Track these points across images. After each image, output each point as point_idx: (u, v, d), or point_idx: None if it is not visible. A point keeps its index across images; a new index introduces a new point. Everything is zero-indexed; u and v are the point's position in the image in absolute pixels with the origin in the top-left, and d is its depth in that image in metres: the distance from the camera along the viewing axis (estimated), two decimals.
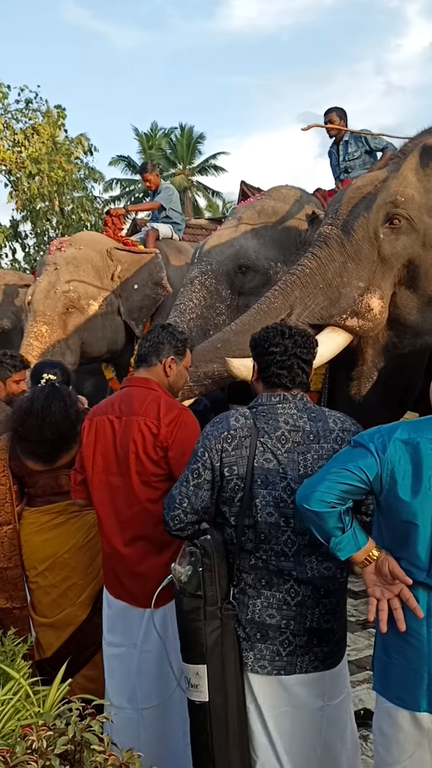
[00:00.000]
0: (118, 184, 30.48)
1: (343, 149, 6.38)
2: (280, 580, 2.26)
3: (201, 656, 2.24)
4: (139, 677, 2.80)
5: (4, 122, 13.33)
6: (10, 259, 14.12)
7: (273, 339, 2.37)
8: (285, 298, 4.03)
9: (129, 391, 2.90)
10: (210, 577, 2.25)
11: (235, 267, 5.21)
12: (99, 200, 16.71)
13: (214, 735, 2.22)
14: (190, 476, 2.30)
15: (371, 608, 2.00)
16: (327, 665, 2.30)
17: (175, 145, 31.81)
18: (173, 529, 2.34)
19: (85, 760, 1.64)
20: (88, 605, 3.16)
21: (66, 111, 14.04)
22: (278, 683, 2.26)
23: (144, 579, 2.77)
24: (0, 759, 1.55)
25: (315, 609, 2.26)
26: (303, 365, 2.35)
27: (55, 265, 5.93)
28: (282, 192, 5.61)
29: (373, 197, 4.04)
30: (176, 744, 2.78)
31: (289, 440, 2.26)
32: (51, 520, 3.23)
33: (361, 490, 1.99)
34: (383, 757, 2.06)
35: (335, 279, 3.99)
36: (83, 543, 3.19)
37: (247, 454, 2.25)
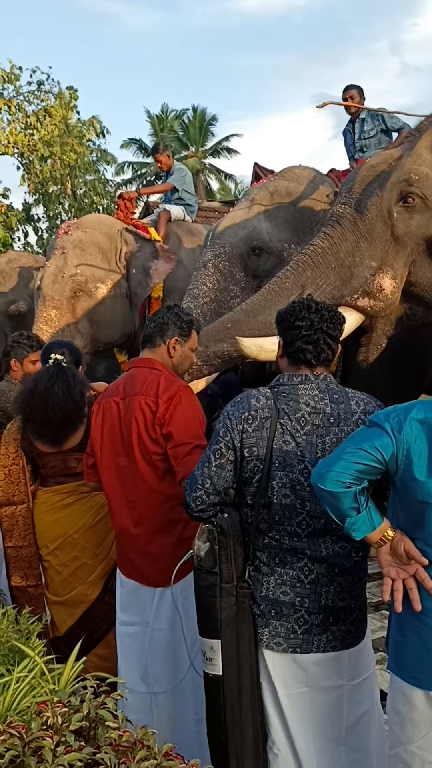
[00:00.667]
0: (130, 167, 30.36)
1: (359, 127, 6.31)
2: (293, 558, 2.26)
3: (215, 631, 2.27)
4: (151, 656, 2.83)
5: (16, 104, 13.26)
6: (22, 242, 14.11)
7: (299, 313, 2.34)
8: (296, 278, 4.00)
9: (133, 372, 2.92)
10: (226, 555, 2.27)
11: (249, 249, 5.18)
12: (111, 183, 16.63)
13: (227, 708, 2.26)
14: (212, 456, 2.29)
15: (386, 588, 2.00)
16: (345, 644, 2.30)
17: (188, 127, 31.61)
18: (195, 510, 2.32)
19: (100, 737, 1.65)
20: (98, 584, 3.18)
21: (78, 92, 13.97)
22: (293, 661, 2.27)
23: (153, 558, 2.79)
24: (16, 735, 1.56)
25: (330, 587, 2.26)
26: (329, 341, 2.33)
27: (62, 249, 5.92)
28: (295, 172, 5.56)
29: (387, 176, 4.00)
30: (188, 723, 2.80)
31: (309, 422, 2.25)
32: (61, 500, 3.26)
33: (376, 470, 1.97)
34: (398, 736, 2.06)
35: (347, 258, 3.96)
36: (92, 523, 3.21)
37: (267, 435, 2.24)
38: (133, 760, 1.51)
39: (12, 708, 1.78)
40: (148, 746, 1.58)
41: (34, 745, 1.54)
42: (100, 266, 5.99)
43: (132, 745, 1.57)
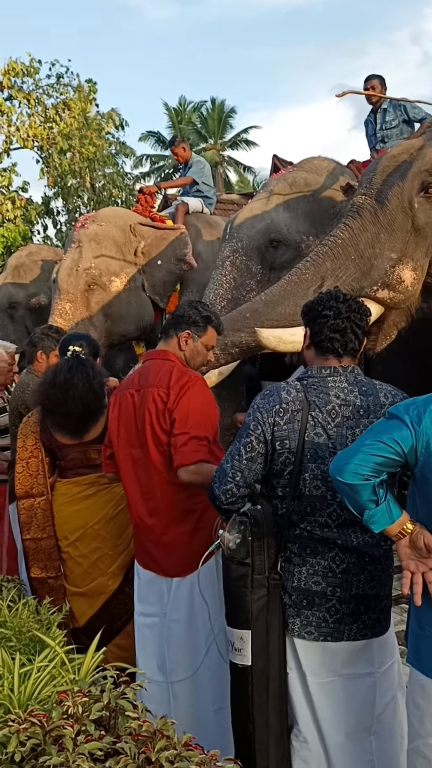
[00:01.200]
0: (148, 160, 30.34)
1: (380, 118, 6.26)
2: (324, 548, 2.27)
3: (246, 622, 2.28)
4: (167, 646, 2.84)
5: (36, 98, 13.29)
6: (42, 235, 14.17)
7: (327, 302, 2.36)
8: (316, 270, 3.99)
9: (148, 364, 2.95)
10: (259, 546, 2.28)
11: (266, 241, 5.16)
12: (129, 176, 16.65)
13: (255, 698, 2.27)
14: (243, 450, 2.28)
15: (405, 581, 1.98)
16: (375, 632, 2.32)
17: (206, 119, 31.50)
18: (224, 503, 2.33)
19: (120, 726, 1.66)
20: (118, 575, 3.21)
21: (97, 85, 13.98)
22: (324, 650, 2.28)
23: (169, 549, 2.81)
24: (37, 723, 1.58)
25: (360, 576, 2.28)
26: (356, 329, 2.33)
27: (78, 243, 5.94)
28: (314, 163, 5.52)
29: (409, 166, 3.96)
30: (206, 713, 2.81)
31: (339, 414, 2.25)
32: (81, 491, 3.28)
33: (395, 463, 1.96)
34: (417, 730, 2.06)
35: (367, 250, 3.93)
36: (113, 514, 3.23)
37: (299, 428, 2.24)
38: (152, 750, 1.52)
39: (33, 697, 1.79)
40: (167, 736, 1.59)
41: (55, 734, 1.56)
42: (115, 259, 6.00)
43: (152, 735, 1.58)
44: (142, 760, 1.51)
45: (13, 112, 13.01)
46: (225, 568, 2.37)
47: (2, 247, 11.61)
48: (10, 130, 12.92)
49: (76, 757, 1.47)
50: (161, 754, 1.51)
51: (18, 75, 12.98)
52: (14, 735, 1.55)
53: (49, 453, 3.39)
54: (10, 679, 1.83)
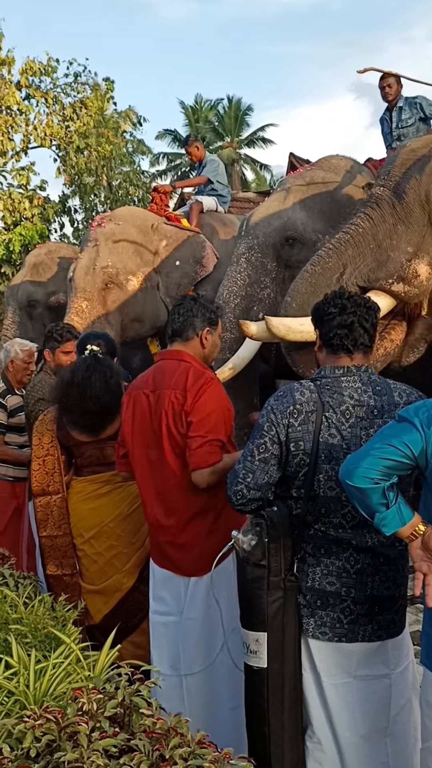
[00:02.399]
0: (165, 158, 30.37)
1: (396, 115, 6.22)
2: (339, 549, 2.27)
3: (261, 624, 2.27)
4: (182, 644, 2.85)
5: (53, 97, 13.33)
6: (59, 234, 14.21)
7: (332, 301, 2.36)
8: (339, 257, 3.98)
9: (162, 364, 2.94)
10: (275, 548, 2.27)
11: (282, 239, 5.15)
12: (146, 174, 16.65)
13: (270, 700, 2.27)
14: (256, 451, 2.28)
15: (417, 583, 1.98)
16: (390, 633, 2.31)
17: (223, 117, 31.48)
18: (236, 504, 2.34)
19: (134, 723, 1.67)
20: (134, 573, 3.22)
21: (114, 84, 13.98)
22: (339, 651, 2.27)
23: (186, 548, 2.82)
24: (52, 720, 1.59)
25: (375, 576, 2.27)
26: (365, 324, 2.32)
27: (95, 242, 5.96)
28: (332, 162, 5.50)
29: (427, 160, 3.95)
30: (221, 710, 2.82)
31: (354, 415, 2.24)
32: (96, 489, 3.30)
33: (405, 466, 1.96)
34: (430, 730, 2.05)
35: (385, 241, 3.93)
36: (128, 513, 3.24)
37: (313, 429, 2.23)
38: (166, 747, 1.53)
39: (49, 693, 1.81)
40: (181, 734, 1.60)
41: (69, 731, 1.57)
42: (131, 259, 6.03)
43: (166, 733, 1.59)
44: (155, 757, 1.52)
45: (31, 111, 13.07)
46: (240, 570, 2.36)
47: (20, 245, 11.66)
48: (28, 129, 12.98)
49: (90, 753, 1.49)
50: (175, 751, 1.52)
51: (36, 74, 12.99)
52: (30, 731, 1.56)
53: (65, 451, 3.41)
54: (26, 676, 1.84)
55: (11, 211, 12.30)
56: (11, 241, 11.65)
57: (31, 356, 4.76)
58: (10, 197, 12.39)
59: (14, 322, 7.14)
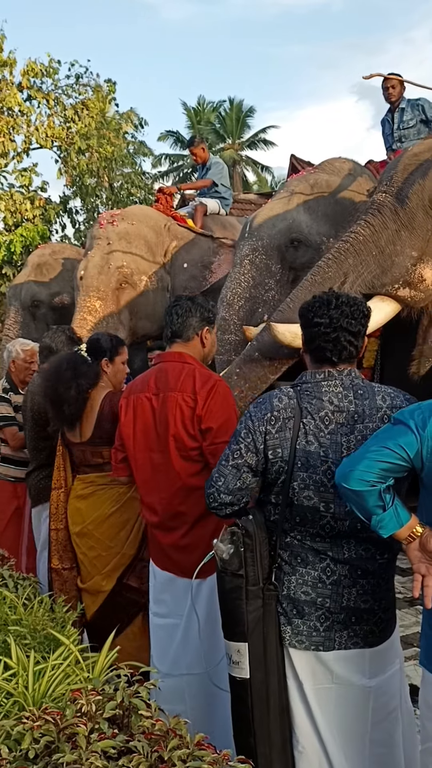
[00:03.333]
0: (167, 160, 30.39)
1: (398, 117, 6.22)
2: (315, 559, 2.23)
3: (242, 634, 2.24)
4: (185, 647, 2.84)
5: (55, 98, 13.35)
6: (60, 235, 14.22)
7: (318, 310, 2.26)
8: (339, 266, 3.97)
9: (163, 366, 2.90)
10: (252, 557, 2.24)
11: (287, 241, 5.15)
12: (148, 175, 16.67)
13: (255, 710, 2.23)
14: (230, 456, 2.25)
15: (416, 584, 1.98)
16: (368, 643, 2.26)
17: (224, 119, 31.50)
18: (209, 506, 2.34)
19: (133, 725, 1.67)
20: (111, 577, 3.24)
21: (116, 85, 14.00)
22: (317, 659, 2.24)
23: (189, 550, 2.80)
24: (51, 721, 1.59)
25: (352, 589, 2.22)
26: (350, 338, 2.23)
27: (107, 240, 5.93)
28: (335, 165, 5.50)
29: (430, 164, 3.93)
30: (224, 712, 2.80)
31: (333, 421, 2.18)
32: (83, 489, 3.37)
33: (401, 468, 1.95)
34: (429, 731, 2.05)
35: (388, 247, 3.91)
36: (106, 516, 3.26)
37: (290, 436, 2.19)
38: (165, 749, 1.53)
39: (47, 695, 1.80)
40: (180, 735, 1.60)
41: (68, 732, 1.57)
42: (145, 259, 6.01)
43: (165, 734, 1.59)
44: (154, 758, 1.51)
45: (33, 112, 13.10)
46: (219, 580, 2.31)
47: (21, 246, 11.67)
48: (30, 130, 12.99)
49: (89, 755, 1.48)
50: (174, 753, 1.52)
51: (37, 75, 13.02)
52: (28, 732, 1.56)
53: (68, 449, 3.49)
54: (25, 677, 1.84)
55: (12, 212, 12.32)
56: (12, 242, 11.66)
57: (33, 356, 4.75)
58: (12, 198, 12.40)
59: (17, 322, 7.12)
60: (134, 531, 3.22)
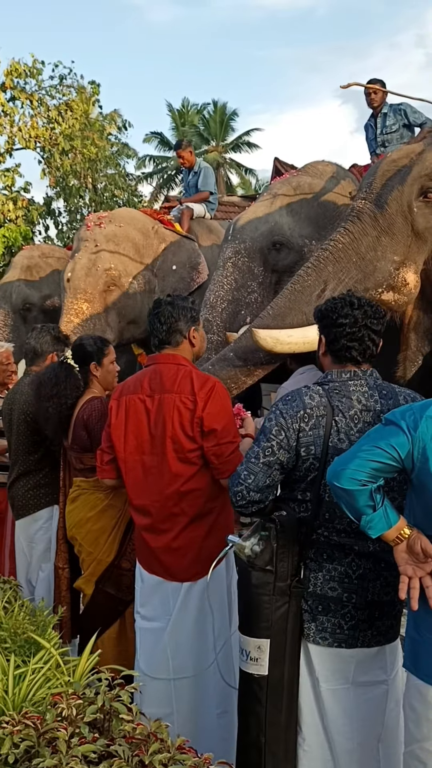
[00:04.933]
0: (151, 161, 30.38)
1: (381, 122, 6.27)
2: (341, 554, 2.26)
3: (265, 630, 2.24)
4: (173, 650, 2.82)
5: (38, 98, 13.30)
6: (43, 236, 14.17)
7: (342, 310, 2.32)
8: (318, 275, 3.99)
9: (157, 368, 2.88)
10: (284, 553, 2.25)
11: (269, 244, 5.16)
12: (131, 177, 16.65)
13: (269, 708, 2.24)
14: (261, 453, 2.25)
15: (402, 586, 1.98)
16: (388, 639, 2.31)
17: (209, 121, 31.56)
18: (236, 505, 2.32)
19: (114, 729, 1.66)
20: (90, 582, 3.24)
21: (100, 87, 13.98)
22: (338, 656, 2.26)
23: (181, 553, 2.79)
24: (31, 725, 1.58)
25: (376, 582, 2.26)
26: (373, 336, 2.31)
27: (95, 242, 5.92)
28: (318, 168, 5.52)
29: (408, 170, 3.96)
30: (210, 716, 2.80)
31: (361, 420, 2.24)
32: (72, 492, 3.39)
33: (392, 468, 1.96)
34: (413, 734, 2.06)
35: (369, 253, 3.93)
36: (84, 522, 3.27)
37: (323, 433, 2.22)
38: (146, 753, 1.52)
39: (28, 699, 1.79)
40: (161, 739, 1.59)
41: (48, 736, 1.56)
42: (133, 262, 6.01)
43: (146, 738, 1.58)
44: (135, 762, 1.51)
45: (16, 113, 13.04)
46: (243, 576, 2.31)
47: (3, 247, 11.61)
48: (13, 131, 12.93)
49: (69, 759, 1.47)
50: (155, 757, 1.51)
51: (21, 76, 12.97)
52: (8, 737, 1.55)
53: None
54: (5, 681, 1.82)
55: None
56: None
57: (8, 357, 4.71)
58: None
59: (7, 324, 7.05)
60: (110, 539, 3.21)
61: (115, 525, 3.20)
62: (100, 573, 3.19)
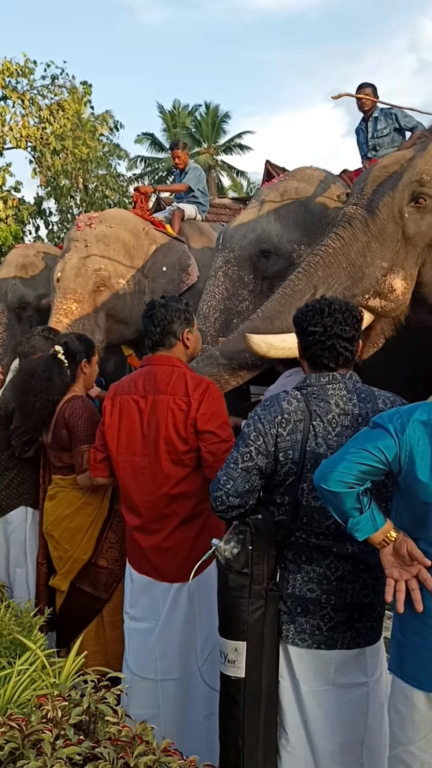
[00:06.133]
0: (143, 162, 30.36)
1: (372, 126, 6.28)
2: (320, 556, 2.26)
3: (242, 633, 2.24)
4: (161, 650, 2.83)
5: (30, 98, 13.27)
6: (33, 236, 14.13)
7: (312, 318, 2.32)
8: (308, 279, 3.99)
9: (152, 369, 2.88)
10: (259, 556, 2.25)
11: (258, 251, 5.15)
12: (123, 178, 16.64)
13: (246, 710, 2.24)
14: (240, 459, 2.25)
15: (389, 589, 1.99)
16: (368, 641, 2.31)
17: (200, 123, 31.56)
18: (216, 510, 2.33)
19: (99, 731, 1.66)
20: (66, 579, 3.24)
21: (92, 87, 13.97)
22: (318, 658, 2.27)
23: (171, 553, 2.80)
24: (16, 727, 1.57)
25: (355, 583, 2.27)
26: (345, 344, 2.30)
27: (85, 242, 5.89)
28: (306, 173, 5.51)
29: (399, 176, 3.98)
30: (197, 718, 2.81)
31: (339, 424, 2.24)
32: (50, 489, 3.40)
33: (379, 471, 1.97)
34: (398, 737, 2.06)
35: (358, 259, 3.95)
36: (61, 519, 3.27)
37: (301, 438, 2.22)
38: (131, 755, 1.52)
39: (12, 701, 1.79)
40: (147, 741, 1.59)
41: (33, 738, 1.55)
42: (123, 263, 5.99)
43: (131, 740, 1.58)
44: (120, 765, 1.51)
45: (7, 112, 13.00)
46: (221, 578, 2.32)
47: None
48: (4, 130, 12.90)
49: (54, 761, 1.47)
50: (140, 759, 1.51)
51: (12, 75, 12.94)
52: None
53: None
54: None
55: None
56: None
57: None
58: None
59: (1, 323, 7.01)
60: (87, 537, 3.21)
61: (91, 523, 3.22)
62: (76, 571, 3.19)
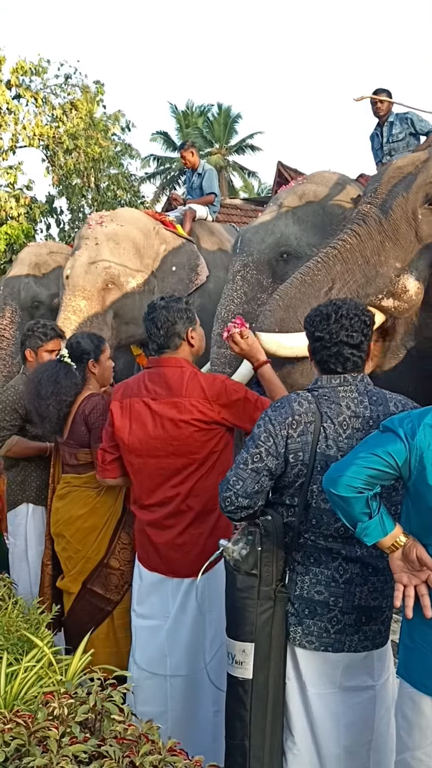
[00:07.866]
0: (155, 161, 30.41)
1: (387, 130, 6.26)
2: (328, 558, 2.26)
3: (249, 634, 2.24)
4: (170, 648, 2.82)
5: (43, 97, 13.31)
6: (45, 234, 14.17)
7: (319, 324, 2.31)
8: (327, 271, 3.98)
9: (161, 371, 2.86)
10: (268, 557, 2.25)
11: (277, 255, 5.14)
12: (134, 178, 16.66)
13: (253, 712, 2.23)
14: (249, 460, 2.25)
15: (397, 594, 1.98)
16: (375, 644, 2.30)
17: (212, 123, 31.59)
18: (225, 510, 2.32)
19: (105, 729, 1.65)
20: (77, 580, 3.22)
21: (104, 86, 14.00)
22: (325, 660, 2.26)
23: (185, 549, 2.79)
24: (22, 724, 1.57)
25: (363, 586, 2.26)
26: (351, 350, 2.28)
27: (95, 240, 5.90)
28: (324, 176, 5.51)
29: (413, 177, 3.97)
30: (205, 714, 2.80)
31: (350, 426, 2.23)
32: (61, 489, 3.37)
33: (389, 476, 1.96)
34: (405, 742, 2.05)
35: (373, 257, 3.94)
36: (74, 519, 3.24)
37: (311, 440, 2.22)
38: (137, 754, 1.52)
39: (19, 697, 1.79)
40: (152, 740, 1.59)
41: (39, 735, 1.55)
42: (133, 261, 6.00)
43: (137, 739, 1.58)
44: (126, 764, 1.50)
45: (21, 111, 13.06)
46: (230, 579, 2.31)
47: (5, 244, 11.60)
48: (17, 128, 12.95)
49: (60, 759, 1.47)
50: (145, 758, 1.51)
51: (26, 74, 12.99)
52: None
53: None
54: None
55: None
56: None
57: None
58: None
59: (14, 322, 6.96)
60: (100, 537, 3.19)
61: (105, 523, 3.19)
62: (88, 572, 3.17)
